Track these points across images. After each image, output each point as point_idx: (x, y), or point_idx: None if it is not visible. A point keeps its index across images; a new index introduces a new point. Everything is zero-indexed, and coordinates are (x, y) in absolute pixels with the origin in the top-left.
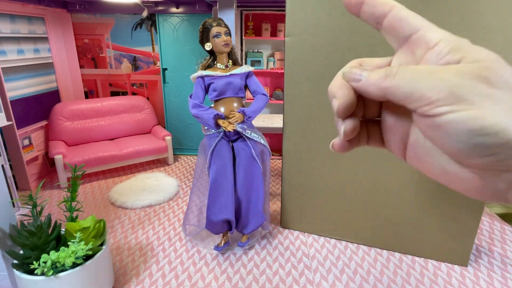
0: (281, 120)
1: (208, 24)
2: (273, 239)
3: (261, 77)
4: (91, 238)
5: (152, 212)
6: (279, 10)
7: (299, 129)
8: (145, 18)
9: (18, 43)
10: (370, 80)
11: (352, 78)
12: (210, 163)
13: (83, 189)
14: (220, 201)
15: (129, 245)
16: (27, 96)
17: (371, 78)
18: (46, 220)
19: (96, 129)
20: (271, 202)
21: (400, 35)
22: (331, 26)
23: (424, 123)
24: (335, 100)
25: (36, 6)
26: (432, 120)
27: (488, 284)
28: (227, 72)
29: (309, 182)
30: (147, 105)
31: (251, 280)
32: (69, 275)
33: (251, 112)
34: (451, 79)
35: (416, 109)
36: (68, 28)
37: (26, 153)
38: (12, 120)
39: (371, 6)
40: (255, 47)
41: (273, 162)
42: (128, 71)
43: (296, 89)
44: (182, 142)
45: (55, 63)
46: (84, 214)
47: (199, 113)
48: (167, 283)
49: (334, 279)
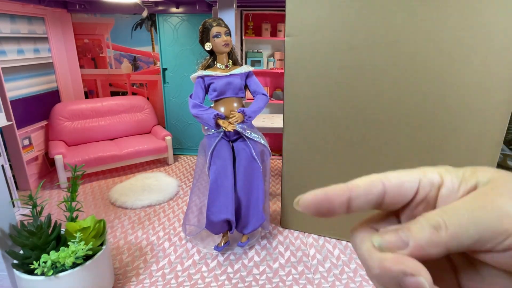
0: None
1: (208, 24)
2: (273, 239)
3: (261, 77)
4: (91, 238)
5: (152, 212)
6: (279, 10)
7: (299, 129)
8: (145, 18)
9: (18, 43)
10: (423, 240)
11: (395, 247)
12: (210, 163)
13: (83, 189)
14: (220, 201)
15: (129, 245)
16: (27, 96)
17: (423, 237)
18: (46, 220)
19: (96, 129)
20: (271, 202)
21: (407, 197)
22: (331, 26)
23: (507, 256)
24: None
25: (36, 6)
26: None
27: None
28: (227, 72)
29: (309, 182)
30: (147, 105)
31: (251, 280)
32: (69, 275)
33: (251, 112)
34: (509, 204)
35: (495, 246)
36: (68, 28)
37: (26, 153)
38: (12, 120)
39: (364, 196)
40: (255, 47)
41: (273, 162)
42: (128, 71)
43: (296, 89)
44: (182, 142)
45: (55, 63)
46: (84, 214)
47: (199, 113)
48: (167, 283)
49: (334, 279)
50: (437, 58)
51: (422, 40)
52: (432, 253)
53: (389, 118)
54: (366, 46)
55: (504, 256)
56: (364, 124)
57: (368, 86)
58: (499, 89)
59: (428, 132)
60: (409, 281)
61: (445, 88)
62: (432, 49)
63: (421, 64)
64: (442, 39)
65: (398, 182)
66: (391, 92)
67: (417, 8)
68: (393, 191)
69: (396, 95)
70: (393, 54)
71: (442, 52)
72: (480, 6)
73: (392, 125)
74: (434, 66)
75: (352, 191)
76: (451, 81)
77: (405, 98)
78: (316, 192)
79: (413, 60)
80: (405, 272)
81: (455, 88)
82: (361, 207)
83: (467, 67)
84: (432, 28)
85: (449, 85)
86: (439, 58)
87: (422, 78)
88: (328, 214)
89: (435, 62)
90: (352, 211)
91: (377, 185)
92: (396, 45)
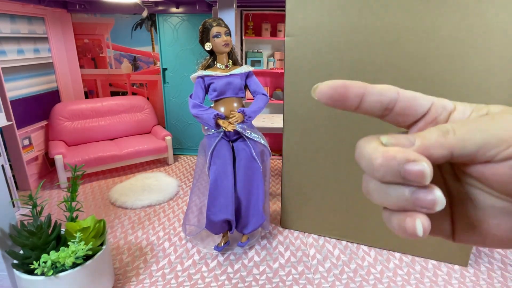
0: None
1: (208, 24)
2: (273, 239)
3: (261, 77)
4: (91, 238)
5: (152, 212)
6: (279, 10)
7: (299, 129)
8: (145, 18)
9: (18, 43)
10: (429, 140)
11: (402, 144)
12: (210, 163)
13: (83, 189)
14: (220, 201)
15: (129, 245)
16: (27, 96)
17: (430, 138)
18: (46, 220)
19: (96, 129)
20: (271, 202)
21: (418, 112)
22: (331, 26)
23: (506, 167)
24: (415, 164)
25: (36, 6)
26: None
27: (488, 284)
28: (227, 72)
29: (309, 182)
30: (147, 105)
31: (251, 280)
32: (69, 275)
33: (251, 112)
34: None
35: (497, 154)
36: (68, 28)
37: (26, 153)
38: (12, 120)
39: (377, 95)
40: (255, 47)
41: (273, 162)
42: (128, 71)
43: (296, 89)
44: (182, 142)
45: (55, 63)
46: (84, 214)
47: (199, 113)
48: (167, 283)
49: (334, 279)
50: (437, 58)
51: (422, 40)
52: (436, 154)
53: None
54: (366, 46)
55: (503, 166)
56: (364, 124)
57: None
58: (499, 89)
59: None
60: (411, 167)
61: (445, 88)
62: (432, 49)
63: (421, 64)
64: (442, 39)
65: (412, 96)
66: None
67: (417, 8)
68: (405, 101)
69: None
70: (393, 54)
71: (442, 52)
72: (480, 6)
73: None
74: (434, 66)
75: (367, 88)
76: (451, 81)
77: None
78: (335, 80)
79: (413, 60)
80: (408, 158)
81: (455, 88)
82: (372, 106)
83: (467, 67)
84: (432, 28)
85: (449, 85)
86: (439, 58)
87: (422, 78)
88: (340, 101)
89: (435, 62)
90: (363, 108)
91: (392, 91)
92: (396, 45)
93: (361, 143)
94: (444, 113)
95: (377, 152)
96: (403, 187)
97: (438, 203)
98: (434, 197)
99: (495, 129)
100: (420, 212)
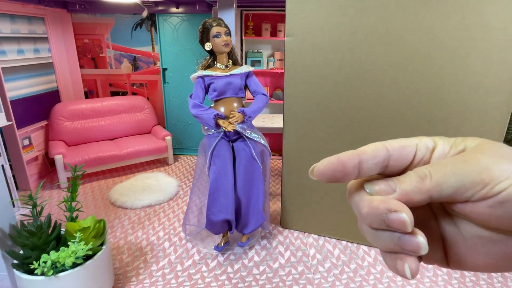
0: (281, 120)
1: (208, 24)
2: (273, 239)
3: (261, 77)
4: (91, 238)
5: (152, 212)
6: (279, 10)
7: (299, 129)
8: (145, 18)
9: (18, 43)
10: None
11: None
12: (210, 163)
13: (83, 189)
14: (220, 201)
15: (129, 245)
16: (27, 96)
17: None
18: (46, 220)
19: (96, 129)
20: (271, 202)
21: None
22: (331, 26)
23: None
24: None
25: (36, 6)
26: (493, 200)
27: (488, 284)
28: (227, 72)
29: (309, 182)
30: (147, 105)
31: (251, 280)
32: (69, 275)
33: (251, 112)
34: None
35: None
36: (68, 28)
37: (26, 153)
38: (12, 120)
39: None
40: (255, 47)
41: (273, 162)
42: (128, 71)
43: (296, 89)
44: (182, 142)
45: (55, 63)
46: (84, 214)
47: (199, 113)
48: (167, 283)
49: (334, 279)
50: (437, 58)
51: (422, 40)
52: (416, 199)
53: (389, 118)
54: (366, 46)
55: (479, 205)
56: (364, 124)
57: (368, 86)
58: (499, 89)
59: (428, 132)
60: (392, 216)
61: (445, 88)
62: (432, 49)
63: (421, 64)
64: (442, 39)
65: (399, 146)
66: (391, 92)
67: (417, 8)
68: (396, 154)
69: (396, 95)
70: (393, 54)
71: (442, 52)
72: (480, 6)
73: (392, 125)
74: (434, 66)
75: (361, 155)
76: (451, 81)
77: (405, 98)
78: (329, 159)
79: (413, 60)
80: (389, 208)
81: (455, 88)
82: (369, 170)
83: (467, 67)
84: (432, 28)
85: (449, 85)
86: (439, 58)
87: (422, 78)
88: (342, 179)
89: (435, 62)
90: (362, 174)
91: (382, 149)
92: (396, 45)
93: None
94: (427, 154)
95: (362, 202)
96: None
97: (421, 248)
98: (418, 243)
99: (468, 172)
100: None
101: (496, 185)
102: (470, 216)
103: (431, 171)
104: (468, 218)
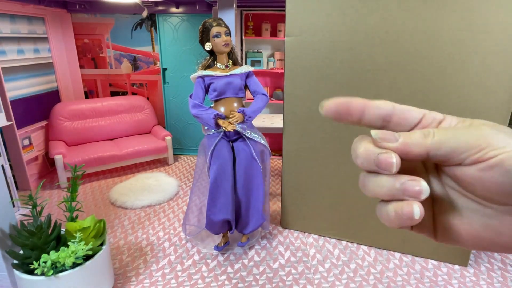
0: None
1: (208, 24)
2: (273, 239)
3: (261, 77)
4: (91, 238)
5: (152, 212)
6: (279, 10)
7: (299, 129)
8: (145, 18)
9: (18, 43)
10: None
11: (387, 139)
12: (210, 163)
13: (83, 189)
14: (220, 201)
15: (129, 245)
16: (27, 96)
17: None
18: (46, 220)
19: (96, 129)
20: (271, 202)
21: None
22: (331, 26)
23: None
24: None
25: (36, 6)
26: (485, 163)
27: (488, 284)
28: (227, 72)
29: (309, 182)
30: (147, 105)
31: (251, 280)
32: (69, 275)
33: (251, 112)
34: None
35: (467, 158)
36: (68, 28)
37: (26, 153)
38: (12, 120)
39: (376, 109)
40: (255, 47)
41: (273, 162)
42: (128, 71)
43: (296, 89)
44: (182, 142)
45: (55, 63)
46: (84, 214)
47: (199, 113)
48: (167, 283)
49: (334, 279)
50: (437, 58)
51: (422, 40)
52: (415, 152)
53: None
54: (366, 46)
55: (470, 169)
56: None
57: (368, 86)
58: (499, 89)
59: None
60: (382, 156)
61: (445, 88)
62: (432, 49)
63: (421, 64)
64: (442, 39)
65: (406, 108)
66: (391, 92)
67: (417, 8)
68: (400, 114)
69: (396, 95)
70: (393, 54)
71: (442, 52)
72: (480, 6)
73: None
74: (434, 66)
75: (368, 103)
76: (451, 81)
77: (405, 98)
78: (339, 98)
79: (413, 60)
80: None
81: (455, 88)
82: (371, 119)
83: (467, 67)
84: (432, 28)
85: (449, 85)
86: (439, 58)
87: (422, 78)
88: (345, 116)
89: (435, 62)
90: (364, 120)
91: (388, 105)
92: (396, 45)
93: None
94: (434, 123)
95: (361, 144)
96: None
97: (423, 192)
98: (420, 187)
99: (467, 136)
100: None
101: (491, 150)
102: (460, 180)
103: (435, 131)
104: (458, 182)
